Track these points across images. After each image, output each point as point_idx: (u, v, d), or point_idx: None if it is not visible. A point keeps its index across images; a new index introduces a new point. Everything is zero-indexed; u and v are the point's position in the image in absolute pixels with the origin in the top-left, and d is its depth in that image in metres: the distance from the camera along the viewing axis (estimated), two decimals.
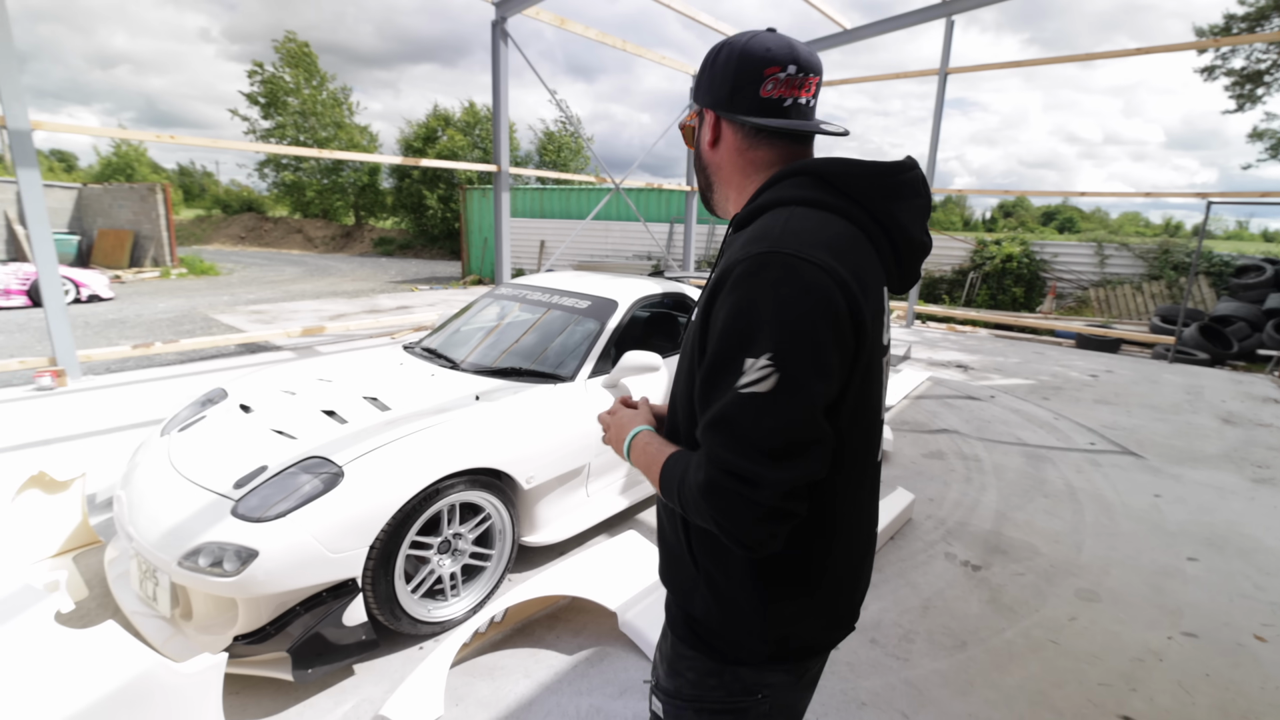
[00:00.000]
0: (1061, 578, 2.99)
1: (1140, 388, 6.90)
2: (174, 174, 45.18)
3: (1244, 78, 15.26)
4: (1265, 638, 2.59)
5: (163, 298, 12.91)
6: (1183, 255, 12.51)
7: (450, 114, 30.51)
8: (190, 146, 17.13)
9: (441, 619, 2.36)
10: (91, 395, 5.15)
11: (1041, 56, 13.04)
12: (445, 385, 2.88)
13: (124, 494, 2.33)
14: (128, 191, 18.96)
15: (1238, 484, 4.24)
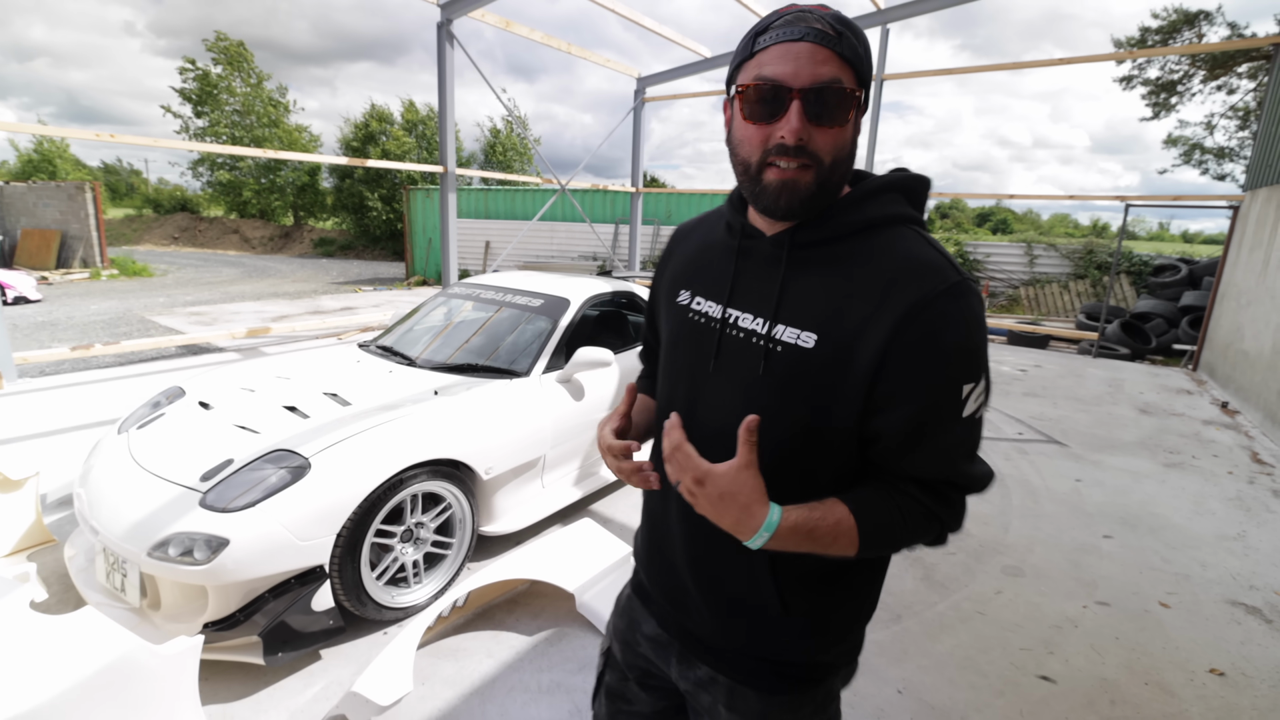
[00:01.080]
0: (990, 556, 3.20)
1: (1066, 381, 7.27)
2: (99, 171, 43.06)
3: (1159, 87, 16.08)
4: (1169, 604, 2.86)
5: (94, 299, 12.39)
6: (1106, 255, 13.16)
7: (389, 112, 30.06)
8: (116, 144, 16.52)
9: (405, 605, 2.46)
10: (29, 398, 5.01)
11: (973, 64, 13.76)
12: (403, 381, 2.98)
13: (84, 491, 2.35)
14: (54, 190, 18.04)
15: (1151, 468, 4.56)
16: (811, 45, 0.77)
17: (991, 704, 2.21)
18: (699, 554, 0.96)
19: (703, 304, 0.96)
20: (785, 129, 0.79)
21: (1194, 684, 2.35)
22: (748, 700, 0.97)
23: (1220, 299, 8.41)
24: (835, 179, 0.83)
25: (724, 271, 0.95)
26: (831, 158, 0.81)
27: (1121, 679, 2.36)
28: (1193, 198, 8.98)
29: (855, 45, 0.80)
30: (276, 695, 2.08)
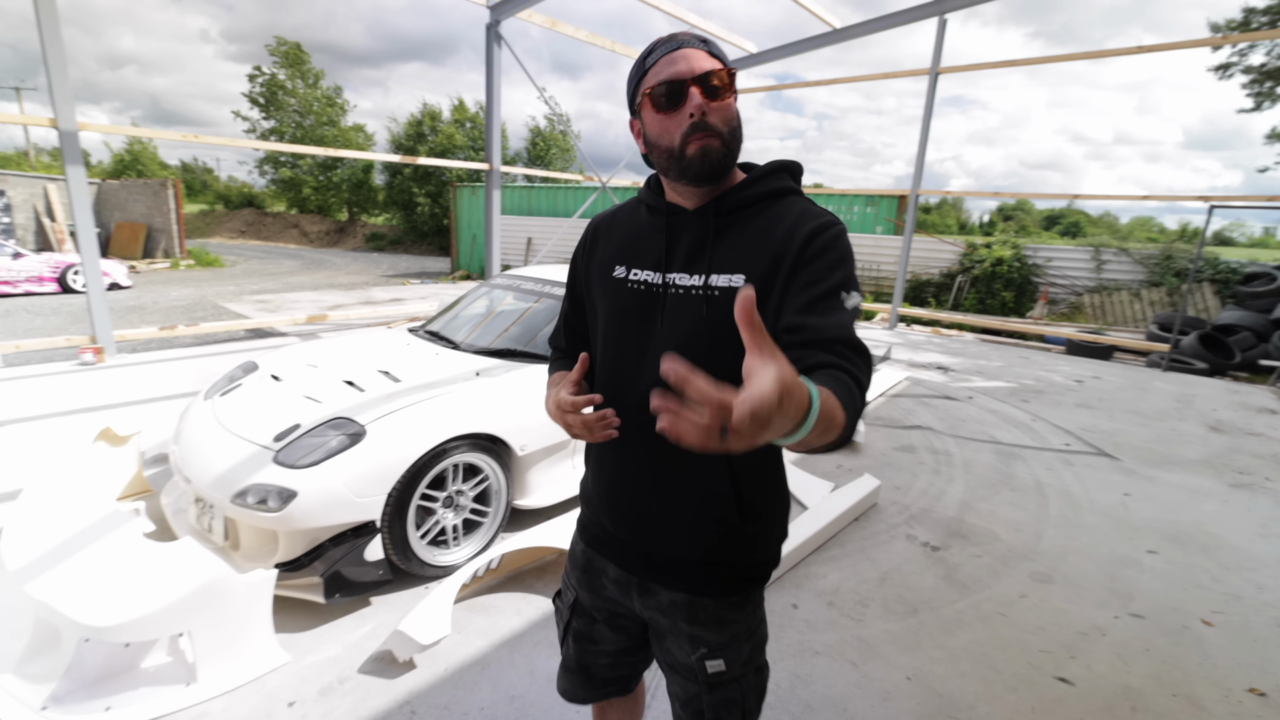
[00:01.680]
0: (1018, 561, 3.13)
1: (1127, 394, 6.86)
2: (177, 170, 45.73)
3: (1263, 75, 14.46)
4: (1213, 623, 2.70)
5: (174, 287, 13.36)
6: (1186, 261, 11.92)
7: (438, 110, 31.00)
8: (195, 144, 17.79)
9: (445, 564, 2.73)
10: (127, 370, 5.63)
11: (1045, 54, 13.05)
12: (448, 362, 3.26)
13: (177, 448, 2.72)
14: (141, 187, 19.45)
15: (1214, 487, 4.26)
16: (690, 49, 1.03)
17: (1003, 699, 2.20)
18: (664, 481, 1.12)
19: (640, 274, 1.13)
20: (692, 106, 1.01)
21: (1228, 701, 2.25)
22: (706, 609, 1.16)
23: None
24: (735, 146, 1.06)
25: (657, 244, 1.13)
26: (728, 127, 1.04)
27: (1147, 688, 2.29)
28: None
29: (717, 49, 1.06)
30: (334, 631, 2.38)
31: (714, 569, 1.15)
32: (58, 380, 5.18)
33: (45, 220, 17.85)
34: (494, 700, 2.11)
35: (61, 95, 5.04)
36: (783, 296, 1.00)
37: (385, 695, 2.09)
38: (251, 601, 2.06)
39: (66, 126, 5.07)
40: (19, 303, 10.88)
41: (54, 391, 4.92)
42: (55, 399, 4.75)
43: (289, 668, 2.17)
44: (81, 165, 5.20)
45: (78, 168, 5.16)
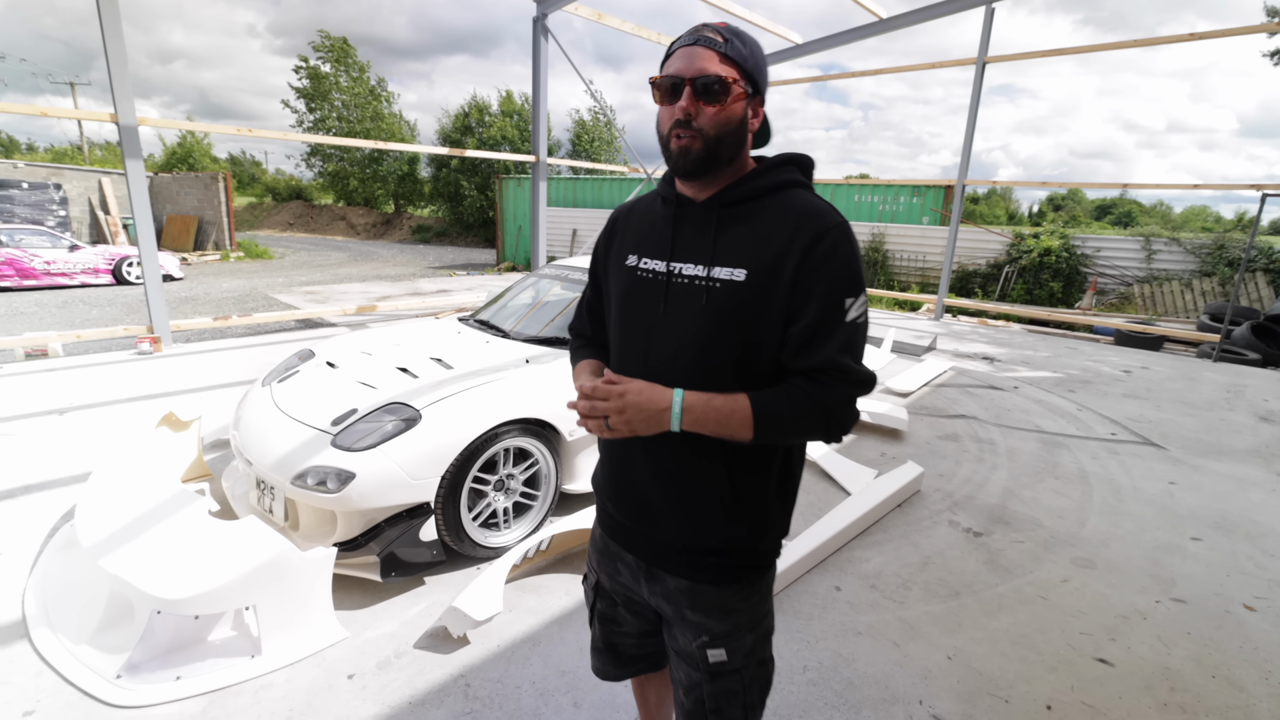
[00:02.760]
0: (1060, 547, 3.16)
1: (1176, 384, 6.79)
2: (226, 164, 47.12)
3: None
4: (1255, 608, 2.73)
5: (225, 278, 13.81)
6: (1239, 251, 11.77)
7: (486, 104, 31.26)
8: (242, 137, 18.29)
9: (496, 545, 2.78)
10: (183, 359, 5.85)
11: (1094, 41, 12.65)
12: (499, 350, 3.31)
13: (237, 432, 2.82)
14: (193, 180, 20.12)
15: (1262, 477, 4.26)
16: (700, 48, 1.05)
17: (1042, 678, 2.24)
18: (664, 468, 1.16)
19: (649, 263, 1.17)
20: (679, 106, 1.05)
21: (1269, 683, 2.27)
22: (708, 595, 1.19)
23: None
24: (721, 149, 1.08)
25: (664, 234, 1.17)
26: (715, 131, 1.06)
27: (1186, 669, 2.32)
28: None
29: (740, 49, 1.06)
30: (390, 609, 2.45)
31: (714, 555, 1.17)
32: (117, 369, 5.40)
33: (100, 213, 18.59)
34: (545, 674, 2.15)
35: (122, 90, 5.23)
36: (788, 301, 1.05)
37: (440, 669, 2.15)
38: (312, 578, 2.13)
39: (126, 121, 5.26)
40: (75, 294, 11.36)
41: (114, 379, 5.13)
42: (116, 386, 4.95)
43: (348, 642, 2.24)
44: (141, 159, 5.40)
45: (137, 162, 5.36)
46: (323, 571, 2.15)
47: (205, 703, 1.96)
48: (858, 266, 1.05)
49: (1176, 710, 2.12)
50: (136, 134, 5.33)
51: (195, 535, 2.14)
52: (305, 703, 1.98)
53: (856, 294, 1.04)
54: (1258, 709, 2.14)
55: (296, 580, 2.09)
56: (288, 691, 2.02)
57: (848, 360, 1.03)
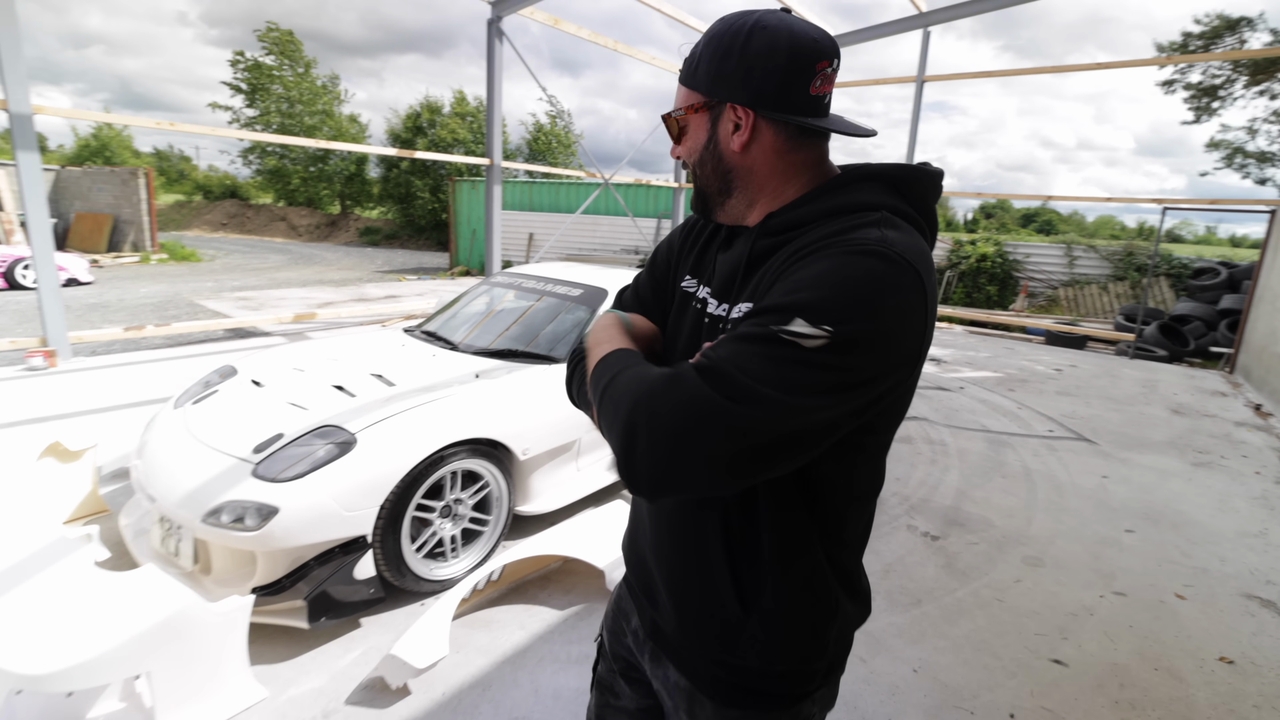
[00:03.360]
0: (1011, 547, 3.27)
1: (1100, 381, 7.30)
2: (151, 158, 44.54)
3: (1201, 91, 16.10)
4: (1185, 596, 2.92)
5: (144, 283, 12.86)
6: (1145, 258, 13.05)
7: (439, 104, 30.51)
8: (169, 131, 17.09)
9: (442, 578, 2.54)
10: (83, 376, 5.22)
11: (1015, 65, 13.50)
12: (446, 364, 3.06)
13: (140, 462, 2.48)
14: (108, 175, 18.75)
15: (1179, 467, 4.60)
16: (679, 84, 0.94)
17: (1004, 684, 2.28)
18: (664, 545, 0.97)
19: (697, 289, 1.00)
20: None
21: (1203, 670, 2.41)
22: (705, 710, 0.95)
23: (1256, 302, 8.41)
24: (701, 184, 0.95)
25: (710, 261, 1.01)
26: (691, 164, 0.94)
27: (1132, 664, 2.43)
28: (1230, 201, 9.22)
29: (693, 62, 0.90)
30: (319, 658, 2.18)
31: (716, 666, 0.93)
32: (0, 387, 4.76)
33: None
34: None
35: (14, 75, 4.68)
36: None
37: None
38: (224, 633, 1.83)
39: (18, 109, 4.71)
40: None
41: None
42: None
43: (268, 704, 1.96)
44: (35, 151, 4.85)
45: (30, 154, 4.81)
46: (237, 624, 1.85)
47: None
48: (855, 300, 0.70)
49: (1127, 707, 2.21)
50: (30, 123, 4.80)
51: (75, 591, 1.81)
52: None
53: (820, 321, 0.68)
54: (1197, 698, 2.27)
55: (203, 638, 1.79)
56: None
57: (723, 364, 0.69)
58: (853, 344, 0.68)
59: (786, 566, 0.86)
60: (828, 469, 0.84)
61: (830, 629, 0.91)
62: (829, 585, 0.89)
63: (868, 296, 0.70)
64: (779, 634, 0.88)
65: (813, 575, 0.88)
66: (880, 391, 0.74)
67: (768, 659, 0.89)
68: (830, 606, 0.90)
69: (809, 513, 0.85)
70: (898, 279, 0.71)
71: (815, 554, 0.87)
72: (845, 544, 0.91)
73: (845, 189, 0.87)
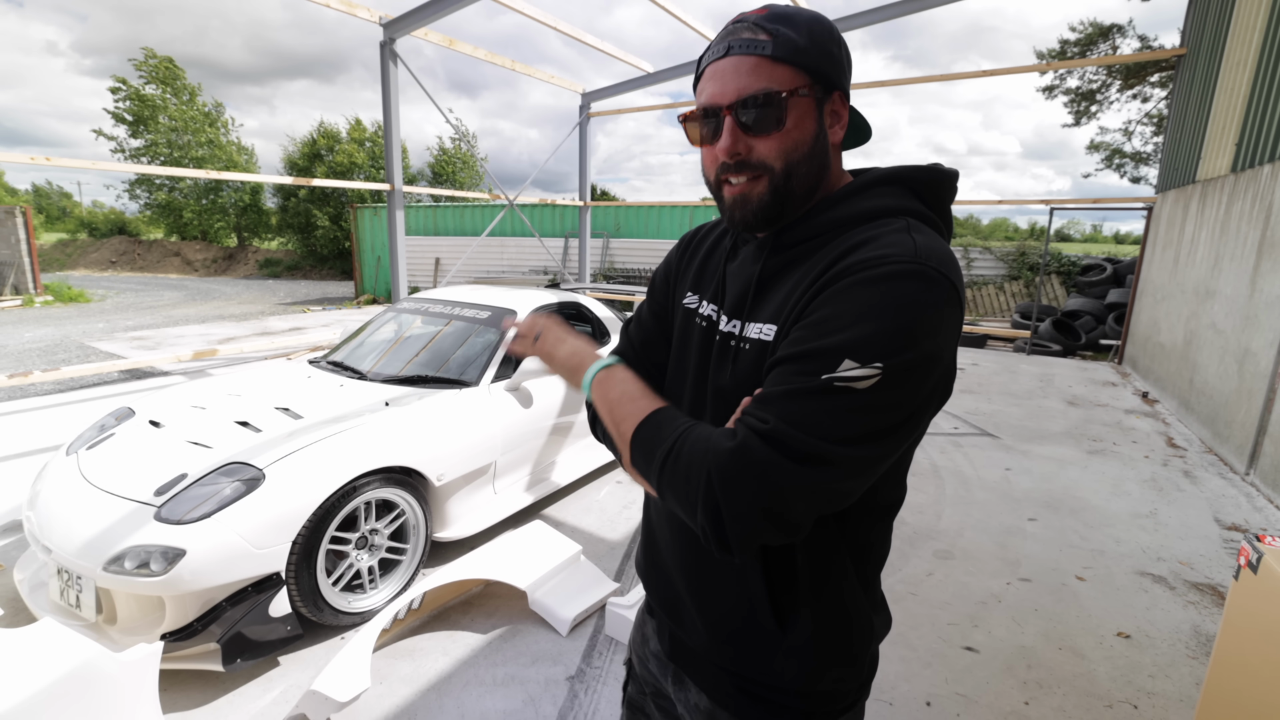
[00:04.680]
0: (923, 541, 3.41)
1: (1000, 378, 7.60)
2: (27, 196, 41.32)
3: (1080, 96, 16.96)
4: (1084, 577, 3.09)
5: (28, 326, 11.93)
6: (1037, 257, 13.89)
7: (336, 130, 29.77)
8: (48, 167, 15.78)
9: (361, 610, 2.54)
10: None
11: (905, 74, 14.38)
12: (354, 394, 3.06)
13: (33, 514, 2.38)
14: None
15: (1075, 455, 4.86)
16: (736, 58, 0.77)
17: (920, 674, 2.38)
18: (691, 561, 0.92)
19: (700, 306, 0.96)
20: (719, 147, 0.80)
21: (1103, 646, 2.57)
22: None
23: (1140, 295, 8.84)
24: (795, 184, 0.81)
25: (716, 275, 0.95)
26: (783, 162, 0.79)
27: (1038, 646, 2.56)
28: (1111, 200, 9.35)
29: (793, 39, 0.77)
30: (236, 701, 2.15)
31: (742, 681, 0.89)
32: None
33: None
34: None
35: None
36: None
37: None
38: (133, 683, 1.79)
39: None
40: None
41: None
42: None
43: None
44: None
45: None
46: (146, 674, 1.82)
47: None
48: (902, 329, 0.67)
49: (1035, 687, 2.32)
50: None
51: None
52: None
53: (872, 360, 0.66)
54: (1097, 673, 2.41)
55: (111, 690, 1.75)
56: None
57: (786, 427, 0.66)
58: (907, 375, 0.67)
59: (821, 584, 0.84)
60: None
61: (865, 648, 0.89)
62: (860, 603, 0.87)
63: (913, 323, 0.68)
64: (817, 652, 0.84)
65: (846, 593, 0.85)
66: (935, 409, 0.76)
67: (803, 678, 0.85)
68: (865, 625, 0.88)
69: (839, 530, 0.83)
70: (937, 297, 0.69)
71: (846, 571, 0.85)
72: (872, 560, 0.89)
73: (863, 194, 0.82)
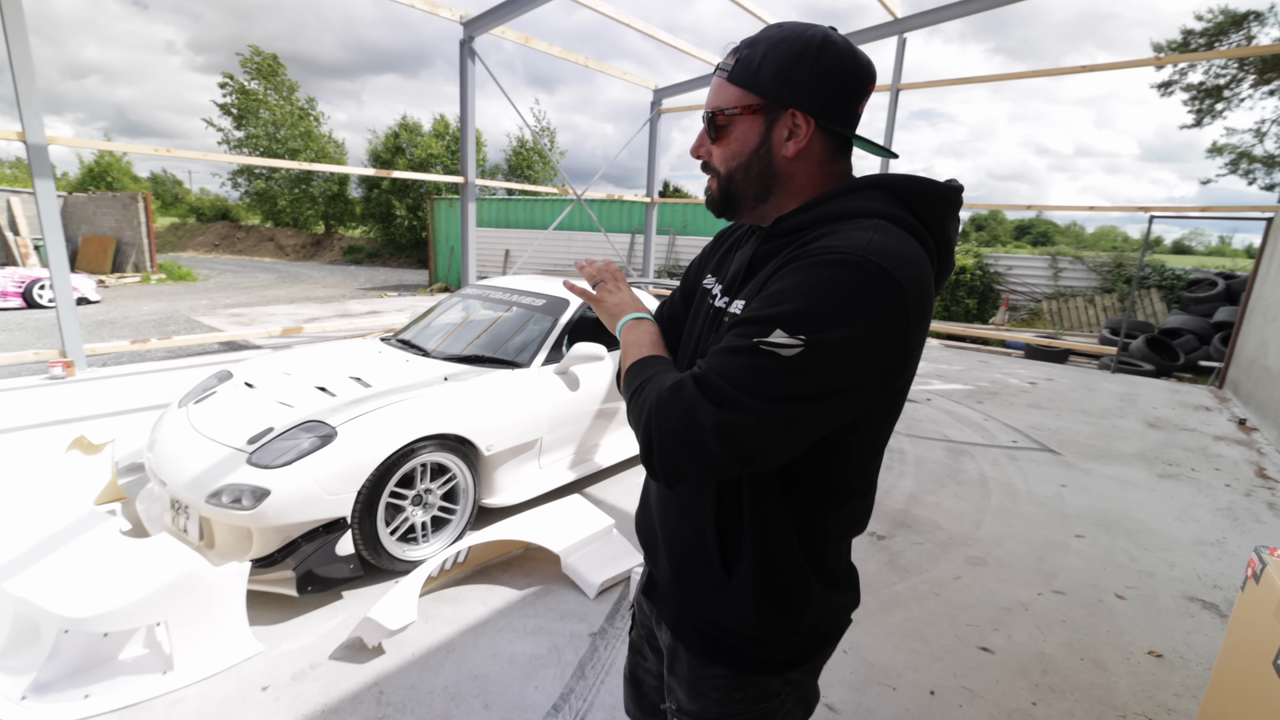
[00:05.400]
0: (956, 547, 3.39)
1: (1076, 394, 7.26)
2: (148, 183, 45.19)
3: (1203, 92, 15.30)
4: (1125, 596, 3.00)
5: (145, 301, 13.26)
6: (1135, 269, 12.74)
7: (418, 124, 31.17)
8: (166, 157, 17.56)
9: (414, 559, 2.86)
10: (98, 384, 5.65)
11: (1005, 69, 13.67)
12: (418, 369, 3.40)
13: (152, 454, 2.83)
14: (110, 200, 19.24)
15: (1143, 478, 4.62)
16: (715, 78, 0.95)
17: (929, 666, 2.43)
18: (668, 506, 1.05)
19: (710, 283, 1.09)
20: (697, 147, 0.99)
21: (1129, 662, 2.52)
22: (682, 660, 1.03)
23: (1249, 314, 8.08)
24: (735, 186, 0.96)
25: (728, 259, 1.09)
26: (726, 167, 0.95)
27: (1058, 654, 2.54)
28: (1222, 208, 8.53)
29: (749, 63, 0.90)
30: (306, 623, 2.51)
31: (695, 619, 1.02)
32: (27, 394, 5.20)
33: (8, 234, 17.56)
34: (458, 680, 2.25)
35: (30, 108, 5.08)
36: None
37: (355, 678, 2.23)
38: (226, 593, 2.18)
39: (35, 140, 5.11)
40: None
41: (24, 405, 4.94)
42: (26, 412, 4.77)
43: (263, 656, 2.29)
44: (50, 179, 5.24)
45: (46, 181, 5.19)
46: (236, 586, 2.20)
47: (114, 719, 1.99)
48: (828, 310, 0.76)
49: (1046, 690, 2.34)
50: (46, 153, 5.18)
51: (105, 555, 2.16)
52: (217, 715, 2.03)
53: (798, 332, 0.76)
54: (1117, 686, 2.39)
55: (209, 595, 2.14)
56: (200, 705, 2.06)
57: (714, 376, 0.79)
58: (827, 352, 0.75)
59: (762, 544, 0.93)
60: (806, 466, 0.90)
61: (802, 609, 0.96)
62: (800, 568, 0.95)
63: (840, 305, 0.76)
64: (753, 601, 0.95)
65: (785, 557, 0.94)
66: (861, 395, 0.80)
67: (742, 621, 0.96)
68: (800, 588, 0.95)
69: (786, 503, 0.92)
70: (871, 286, 0.76)
71: (789, 539, 0.93)
72: (821, 535, 0.96)
73: (847, 195, 0.90)
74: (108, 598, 2.01)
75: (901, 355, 0.81)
